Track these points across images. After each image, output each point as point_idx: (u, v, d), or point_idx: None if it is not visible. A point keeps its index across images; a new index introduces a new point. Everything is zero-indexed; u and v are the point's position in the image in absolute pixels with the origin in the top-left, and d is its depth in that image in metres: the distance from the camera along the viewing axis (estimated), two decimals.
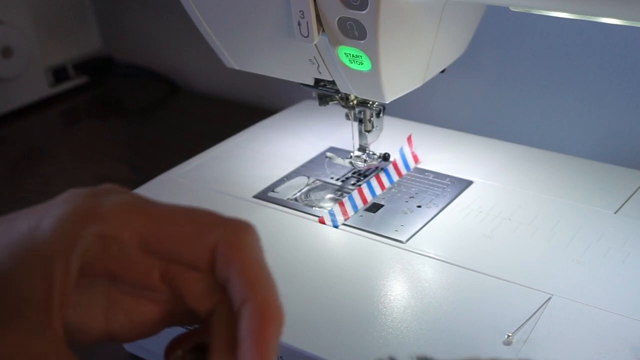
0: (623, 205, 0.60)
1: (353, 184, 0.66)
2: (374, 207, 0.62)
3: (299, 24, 0.53)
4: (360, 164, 0.66)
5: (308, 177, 0.68)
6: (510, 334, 0.46)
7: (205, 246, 0.32)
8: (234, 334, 0.31)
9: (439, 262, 0.55)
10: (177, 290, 0.33)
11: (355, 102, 0.63)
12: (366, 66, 0.53)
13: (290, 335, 0.48)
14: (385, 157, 0.67)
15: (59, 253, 0.30)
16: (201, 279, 0.33)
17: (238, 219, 0.33)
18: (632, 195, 0.61)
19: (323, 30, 0.53)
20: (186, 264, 0.32)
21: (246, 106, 1.05)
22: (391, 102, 0.57)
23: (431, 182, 0.65)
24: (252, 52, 0.61)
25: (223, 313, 0.32)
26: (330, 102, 0.63)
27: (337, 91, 0.60)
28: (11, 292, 0.29)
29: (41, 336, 0.29)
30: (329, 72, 0.57)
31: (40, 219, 0.31)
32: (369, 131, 0.65)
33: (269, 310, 0.31)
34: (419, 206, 0.62)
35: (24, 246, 0.30)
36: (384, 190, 0.64)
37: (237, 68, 0.64)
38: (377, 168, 0.67)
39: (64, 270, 0.30)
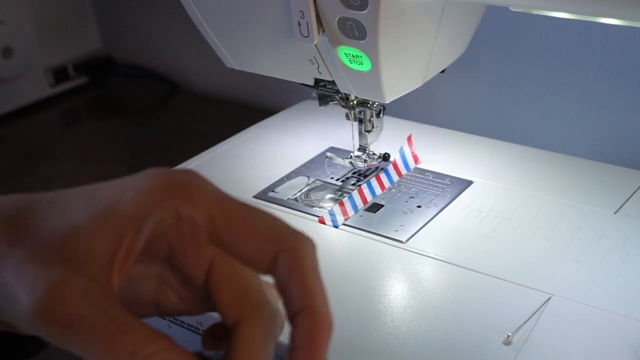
0: (623, 205, 0.60)
1: (353, 184, 0.66)
2: (374, 207, 0.62)
3: (299, 24, 0.53)
4: (360, 164, 0.66)
5: (308, 177, 0.68)
6: (510, 334, 0.46)
7: (271, 248, 0.33)
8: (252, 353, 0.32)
9: (439, 262, 0.55)
10: (209, 295, 0.34)
11: (355, 102, 0.63)
12: (366, 66, 0.53)
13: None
14: (385, 157, 0.67)
15: (135, 218, 0.31)
16: (232, 289, 0.34)
17: (302, 232, 0.35)
18: (632, 195, 0.61)
19: (323, 30, 0.53)
20: (246, 261, 0.34)
21: (246, 106, 1.05)
22: (391, 102, 0.57)
23: (431, 182, 0.65)
24: (252, 52, 0.61)
25: (246, 334, 0.33)
26: (330, 102, 0.63)
27: (337, 91, 0.60)
28: (81, 244, 0.31)
29: (98, 288, 0.30)
30: (329, 72, 0.57)
31: (124, 189, 0.33)
32: (369, 131, 0.65)
33: (324, 320, 0.33)
34: (419, 206, 0.62)
35: (104, 207, 0.32)
36: (384, 190, 0.64)
37: (237, 68, 0.64)
38: (377, 168, 0.67)
39: (134, 234, 0.31)
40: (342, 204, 0.62)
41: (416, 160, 0.68)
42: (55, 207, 0.33)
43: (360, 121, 0.64)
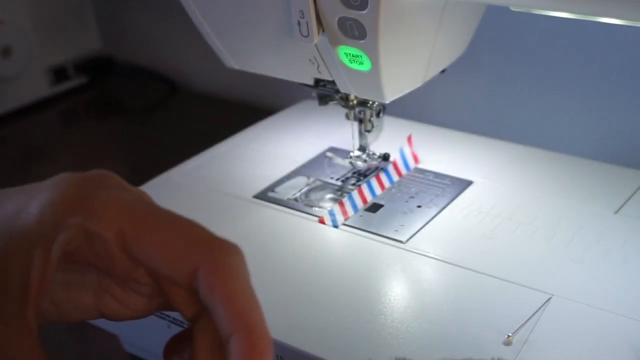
0: (623, 205, 0.60)
1: (353, 184, 0.66)
2: (374, 207, 0.62)
3: (299, 24, 0.53)
4: (360, 164, 0.66)
5: (308, 177, 0.68)
6: (510, 334, 0.46)
7: (186, 265, 0.30)
8: (218, 345, 0.30)
9: (439, 262, 0.55)
10: (162, 291, 0.32)
11: (355, 102, 0.63)
12: (366, 66, 0.53)
13: (290, 335, 0.48)
14: (385, 157, 0.67)
15: (40, 241, 0.29)
16: (184, 288, 0.31)
17: (225, 240, 0.31)
18: (632, 195, 0.61)
19: (323, 30, 0.53)
20: (164, 277, 0.31)
21: (246, 106, 1.05)
22: (391, 102, 0.57)
23: (431, 182, 0.65)
24: (252, 52, 0.61)
25: (207, 325, 0.31)
26: (330, 102, 0.63)
27: (337, 91, 0.60)
28: None
29: (12, 327, 0.28)
30: (329, 72, 0.57)
31: (27, 202, 0.30)
32: (369, 131, 0.65)
33: (257, 345, 0.29)
34: (419, 206, 0.62)
35: (7, 229, 0.29)
36: (384, 190, 0.64)
37: (237, 68, 0.64)
38: (377, 168, 0.67)
39: (44, 259, 0.29)
40: (342, 204, 0.62)
41: (416, 160, 0.68)
42: None
43: (360, 121, 0.64)
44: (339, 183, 0.66)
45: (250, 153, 0.73)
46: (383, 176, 0.66)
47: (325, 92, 0.62)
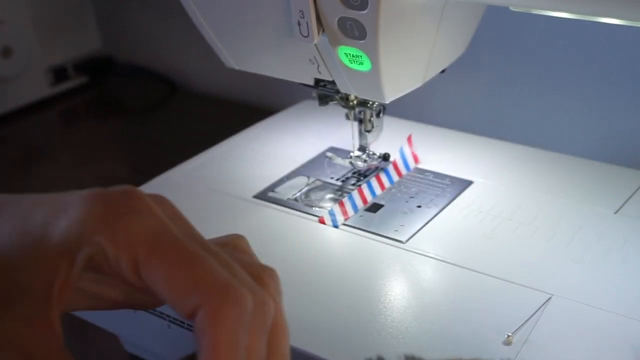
0: (623, 205, 0.60)
1: (353, 184, 0.66)
2: (374, 207, 0.62)
3: (299, 24, 0.53)
4: (360, 164, 0.66)
5: (308, 177, 0.68)
6: (510, 334, 0.46)
7: (187, 305, 0.31)
8: None
9: (439, 262, 0.55)
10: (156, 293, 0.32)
11: (355, 102, 0.63)
12: (366, 66, 0.53)
13: (290, 335, 0.48)
14: (385, 157, 0.67)
15: (67, 253, 0.31)
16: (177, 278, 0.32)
17: (233, 287, 0.31)
18: (632, 195, 0.61)
19: (323, 30, 0.53)
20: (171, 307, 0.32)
21: (246, 106, 1.05)
22: (391, 102, 0.57)
23: (431, 182, 0.65)
24: (252, 52, 0.61)
25: (203, 321, 0.31)
26: (330, 102, 0.63)
27: (337, 91, 0.60)
28: (15, 279, 0.30)
29: (37, 326, 0.29)
30: (329, 72, 0.57)
31: (58, 214, 0.31)
32: (369, 131, 0.65)
33: None
34: (419, 206, 0.62)
35: (35, 238, 0.31)
36: (384, 190, 0.64)
37: (237, 68, 0.64)
38: (377, 168, 0.67)
39: (67, 268, 0.31)
40: (342, 204, 0.62)
41: (416, 160, 0.68)
42: None
43: (360, 121, 0.64)
44: (339, 183, 0.66)
45: (250, 153, 0.73)
46: (383, 176, 0.66)
47: (325, 92, 0.62)
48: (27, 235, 0.31)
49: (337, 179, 0.67)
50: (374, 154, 0.66)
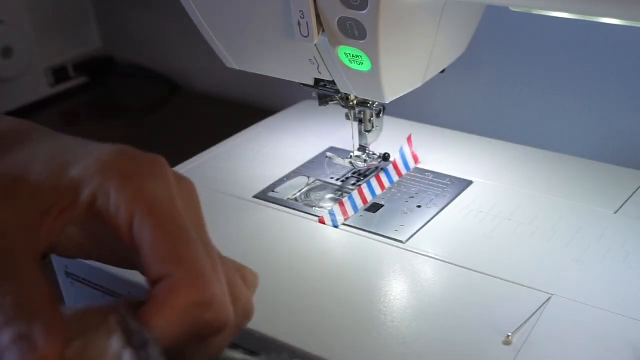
0: (623, 205, 0.60)
1: (353, 184, 0.66)
2: (374, 207, 0.62)
3: (299, 24, 0.53)
4: (360, 164, 0.66)
5: (308, 177, 0.68)
6: (510, 334, 0.46)
7: (157, 271, 0.33)
8: None
9: (439, 262, 0.55)
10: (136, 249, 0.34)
11: (355, 102, 0.63)
12: (366, 66, 0.53)
13: (290, 335, 0.48)
14: (385, 157, 0.67)
15: (77, 187, 0.34)
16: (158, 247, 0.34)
17: (206, 277, 0.33)
18: (632, 195, 0.61)
19: (323, 30, 0.53)
20: (143, 264, 0.34)
21: (246, 106, 1.05)
22: (391, 102, 0.57)
23: (431, 182, 0.65)
24: (252, 52, 0.61)
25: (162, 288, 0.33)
26: (330, 102, 0.63)
27: (337, 91, 0.60)
28: (26, 185, 0.33)
29: (25, 221, 0.32)
30: (329, 72, 0.57)
31: (86, 154, 0.35)
32: (369, 131, 0.65)
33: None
34: (419, 206, 0.62)
35: (60, 167, 0.34)
36: (384, 190, 0.64)
37: (237, 68, 0.64)
38: (377, 168, 0.67)
39: (74, 199, 0.33)
40: (342, 204, 0.62)
41: (416, 160, 0.68)
42: (34, 148, 0.36)
43: (360, 121, 0.64)
44: (339, 183, 0.66)
45: (250, 153, 0.73)
46: (383, 176, 0.66)
47: (325, 92, 0.62)
48: (55, 162, 0.34)
49: (337, 179, 0.67)
50: (374, 154, 0.66)
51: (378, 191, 0.64)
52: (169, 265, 0.32)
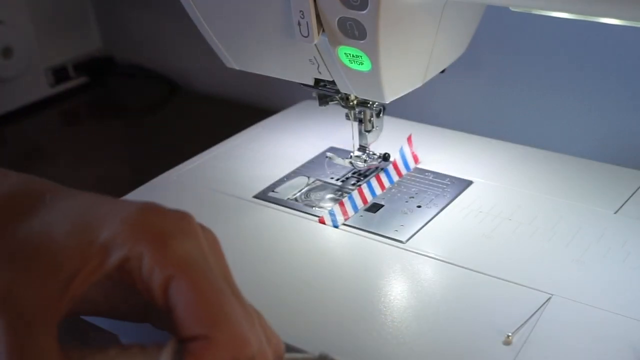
0: (623, 205, 0.60)
1: (353, 184, 0.66)
2: (374, 207, 0.62)
3: (299, 24, 0.53)
4: (360, 164, 0.66)
5: (308, 177, 0.68)
6: (510, 334, 0.46)
7: (196, 331, 0.33)
8: None
9: (439, 262, 0.55)
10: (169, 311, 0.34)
11: (355, 102, 0.63)
12: (366, 66, 0.53)
13: (290, 335, 0.48)
14: (385, 157, 0.67)
15: (106, 249, 0.33)
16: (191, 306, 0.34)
17: (247, 338, 0.33)
18: (632, 195, 0.61)
19: (323, 30, 0.53)
20: (174, 321, 0.33)
21: (246, 106, 1.05)
22: (391, 102, 0.57)
23: (431, 182, 0.65)
24: (252, 52, 0.61)
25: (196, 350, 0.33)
26: (330, 102, 0.63)
27: (337, 91, 0.60)
28: (51, 253, 0.32)
29: (47, 298, 0.31)
30: (329, 72, 0.57)
31: (112, 215, 0.34)
32: (369, 131, 0.65)
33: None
34: (419, 206, 0.62)
35: (85, 229, 0.33)
36: (384, 190, 0.64)
37: (237, 68, 0.64)
38: (377, 168, 0.67)
39: (102, 264, 0.33)
40: (342, 204, 0.62)
41: (416, 160, 0.68)
42: (49, 211, 0.34)
43: (360, 121, 0.64)
44: (339, 183, 0.66)
45: (250, 153, 0.73)
46: (383, 176, 0.66)
47: (325, 92, 0.62)
48: (77, 225, 0.33)
49: (337, 179, 0.67)
50: (374, 154, 0.66)
51: (378, 191, 0.64)
52: (208, 327, 0.32)
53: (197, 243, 0.34)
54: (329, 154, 0.69)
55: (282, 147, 0.74)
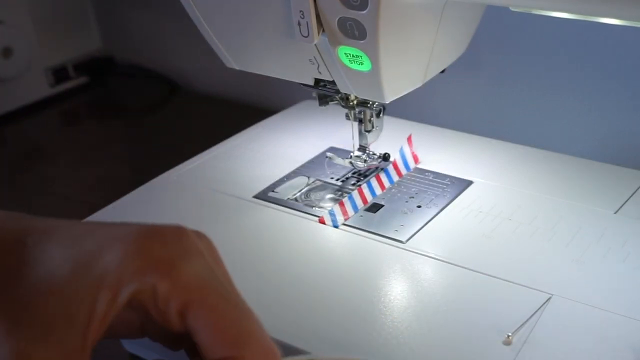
0: (623, 205, 0.60)
1: (353, 184, 0.66)
2: (374, 207, 0.62)
3: (299, 24, 0.53)
4: (360, 164, 0.66)
5: (308, 177, 0.68)
6: (510, 334, 0.46)
7: (223, 352, 0.32)
8: None
9: (439, 262, 0.55)
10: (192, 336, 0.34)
11: (355, 102, 0.63)
12: (366, 66, 0.53)
13: (290, 335, 0.48)
14: (385, 157, 0.67)
15: (114, 286, 0.31)
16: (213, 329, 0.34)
17: (275, 351, 0.33)
18: (632, 195, 0.61)
19: (323, 30, 0.53)
20: (200, 347, 0.33)
21: (246, 106, 1.05)
22: (391, 102, 0.57)
23: (431, 182, 0.65)
24: (252, 52, 0.61)
25: None
26: (330, 102, 0.63)
27: (337, 91, 0.60)
28: (59, 305, 0.30)
29: (72, 357, 0.30)
30: (329, 72, 0.57)
31: (110, 246, 0.32)
32: (369, 131, 0.65)
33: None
34: (419, 206, 0.62)
35: (86, 267, 0.31)
36: (384, 190, 0.64)
37: (237, 68, 0.64)
38: (377, 168, 0.67)
39: (111, 302, 0.31)
40: (342, 204, 0.62)
41: (416, 160, 0.68)
42: (41, 251, 0.32)
43: (360, 121, 0.64)
44: (339, 183, 0.66)
45: (250, 153, 0.73)
46: (383, 176, 0.66)
47: (325, 92, 0.62)
48: (77, 263, 0.31)
49: (337, 179, 0.67)
50: (374, 154, 0.66)
51: (378, 191, 0.64)
52: (235, 348, 0.32)
53: (203, 261, 0.34)
54: (329, 154, 0.69)
55: (282, 147, 0.74)
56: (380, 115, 0.64)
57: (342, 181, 0.66)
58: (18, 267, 0.31)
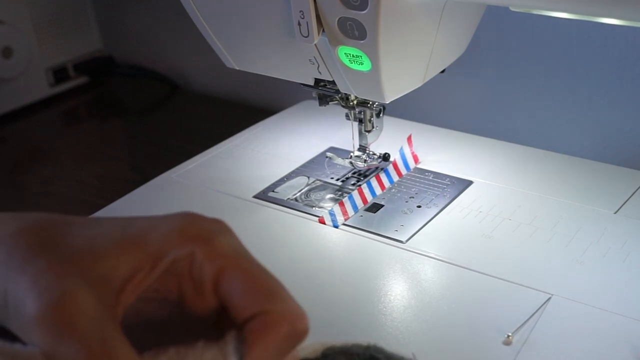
0: (623, 205, 0.60)
1: (353, 184, 0.66)
2: (374, 207, 0.62)
3: (299, 24, 0.53)
4: (360, 164, 0.66)
5: (308, 177, 0.68)
6: (510, 334, 0.46)
7: (252, 309, 0.35)
8: None
9: (439, 262, 0.55)
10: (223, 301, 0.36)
11: (355, 102, 0.63)
12: (366, 66, 0.53)
13: None
14: (385, 157, 0.67)
15: (154, 254, 0.34)
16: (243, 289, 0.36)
17: (301, 310, 0.36)
18: (632, 195, 0.61)
19: (323, 30, 0.53)
20: (229, 308, 0.35)
21: (246, 106, 1.05)
22: (391, 102, 0.57)
23: (431, 182, 0.65)
24: (252, 52, 0.61)
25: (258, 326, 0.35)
26: (330, 102, 0.63)
27: (337, 91, 0.60)
28: (98, 266, 0.33)
29: (104, 309, 0.32)
30: (329, 72, 0.57)
31: (157, 224, 0.36)
32: (369, 131, 0.65)
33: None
34: (419, 206, 0.62)
35: (129, 238, 0.35)
36: (384, 190, 0.64)
37: (237, 68, 0.64)
38: (377, 168, 0.67)
39: (150, 269, 0.34)
40: (342, 204, 0.62)
41: (416, 160, 0.68)
42: (86, 228, 0.35)
43: (360, 121, 0.65)
44: (339, 183, 0.66)
45: (250, 153, 0.73)
46: (383, 176, 0.66)
47: (325, 92, 0.62)
48: (122, 236, 0.35)
49: (337, 179, 0.67)
50: (374, 154, 0.66)
51: (378, 191, 0.64)
52: (264, 302, 0.35)
53: (235, 237, 0.37)
54: (329, 154, 0.69)
55: (282, 147, 0.74)
56: (380, 115, 0.64)
57: (342, 181, 0.66)
58: (66, 232, 0.35)
